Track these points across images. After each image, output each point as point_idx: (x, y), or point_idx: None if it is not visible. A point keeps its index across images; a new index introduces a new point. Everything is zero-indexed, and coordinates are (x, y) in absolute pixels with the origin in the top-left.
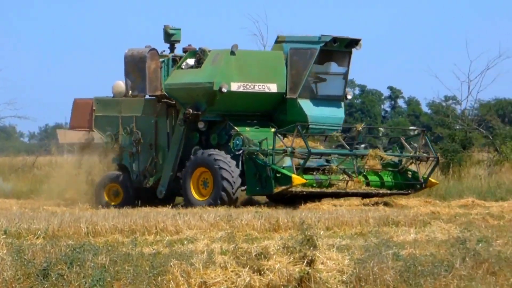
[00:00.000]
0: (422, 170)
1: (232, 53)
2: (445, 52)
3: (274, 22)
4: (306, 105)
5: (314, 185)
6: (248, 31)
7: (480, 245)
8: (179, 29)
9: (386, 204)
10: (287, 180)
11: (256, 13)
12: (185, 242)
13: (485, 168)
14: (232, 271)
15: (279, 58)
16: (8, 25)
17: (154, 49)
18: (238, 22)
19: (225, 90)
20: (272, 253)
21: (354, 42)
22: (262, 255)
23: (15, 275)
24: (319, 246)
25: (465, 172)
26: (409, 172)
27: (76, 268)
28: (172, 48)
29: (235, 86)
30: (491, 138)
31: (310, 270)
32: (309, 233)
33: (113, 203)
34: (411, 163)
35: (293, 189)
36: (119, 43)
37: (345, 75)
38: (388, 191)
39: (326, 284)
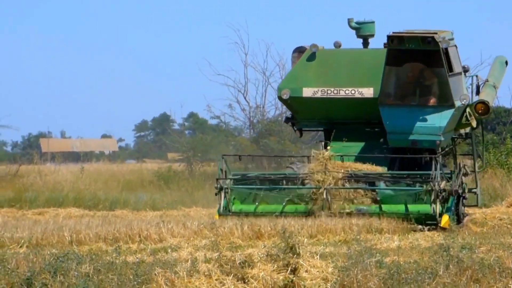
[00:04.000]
0: None
1: (312, 54)
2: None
3: (255, 31)
4: None
5: None
6: (229, 39)
7: (463, 252)
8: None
9: None
10: None
11: (236, 21)
12: (169, 250)
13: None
14: (216, 280)
15: None
16: None
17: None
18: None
19: (286, 97)
20: (256, 261)
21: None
22: (246, 263)
23: None
24: (302, 254)
25: None
26: None
27: (60, 277)
28: (365, 44)
29: (309, 92)
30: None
31: (294, 278)
32: (291, 241)
33: None
34: None
35: None
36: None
37: None
38: None
39: None
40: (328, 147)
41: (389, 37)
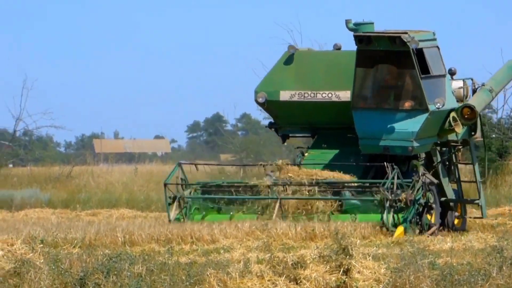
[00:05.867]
0: None
1: (290, 56)
2: (479, 59)
3: (308, 32)
4: None
5: None
6: (282, 40)
7: None
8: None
9: None
10: None
11: (289, 22)
12: (222, 251)
13: None
14: (268, 280)
15: None
16: (44, 34)
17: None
18: (269, 31)
19: (262, 101)
20: (308, 262)
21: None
22: (299, 264)
23: (52, 284)
24: (355, 255)
25: (501, 181)
26: None
27: (112, 277)
28: None
29: (286, 95)
30: None
31: (346, 279)
32: (344, 242)
33: None
34: None
35: None
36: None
37: None
38: None
39: None
40: (306, 154)
41: (356, 37)
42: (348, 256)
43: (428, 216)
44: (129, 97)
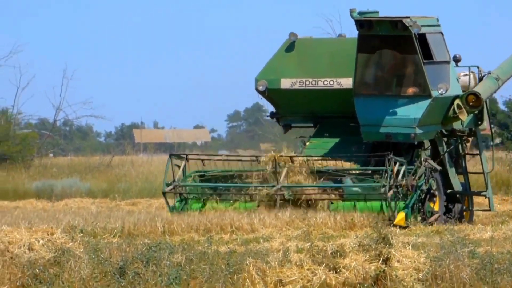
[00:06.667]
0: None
1: (291, 43)
2: (487, 48)
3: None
4: None
5: None
6: (322, 30)
7: None
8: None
9: None
10: None
11: (329, 12)
12: (261, 240)
13: None
14: (308, 269)
15: None
16: (84, 24)
17: None
18: (310, 22)
19: (263, 89)
20: (348, 251)
21: None
22: (338, 253)
23: (92, 273)
24: (394, 244)
25: None
26: None
27: (152, 266)
28: None
29: (287, 83)
30: None
31: (386, 268)
32: (384, 231)
33: None
34: None
35: None
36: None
37: None
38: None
39: (402, 282)
40: (307, 143)
41: (357, 21)
42: (387, 245)
43: (431, 204)
44: (169, 87)
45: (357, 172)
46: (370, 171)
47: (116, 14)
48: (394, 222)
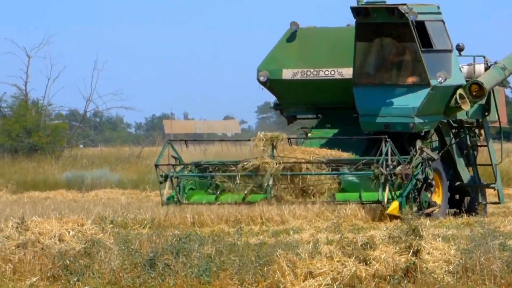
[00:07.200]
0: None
1: (292, 33)
2: (498, 38)
3: None
4: None
5: None
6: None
7: None
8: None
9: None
10: None
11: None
12: (291, 232)
13: None
14: (338, 261)
15: None
16: (113, 16)
17: None
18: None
19: (264, 79)
20: (378, 243)
21: None
22: (368, 245)
23: (122, 265)
24: (425, 236)
25: None
26: None
27: (182, 258)
28: None
29: (289, 74)
30: None
31: (416, 260)
32: (414, 223)
33: None
34: None
35: None
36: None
37: None
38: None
39: (432, 274)
40: (309, 134)
41: (353, 9)
42: (418, 237)
43: (428, 194)
44: (199, 78)
45: (355, 162)
46: (365, 161)
47: (146, 4)
48: (387, 212)
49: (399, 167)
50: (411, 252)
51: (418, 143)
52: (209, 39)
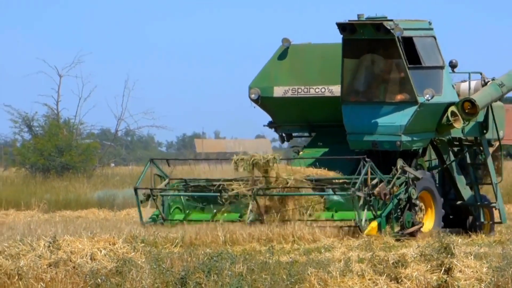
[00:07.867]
0: None
1: (284, 50)
2: (497, 56)
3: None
4: None
5: None
6: None
7: None
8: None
9: None
10: None
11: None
12: (322, 250)
13: None
14: (369, 279)
15: None
16: (145, 35)
17: None
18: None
19: (255, 97)
20: (409, 261)
21: None
22: (400, 263)
23: (154, 283)
24: (456, 254)
25: None
26: None
27: (213, 276)
28: None
29: (280, 92)
30: None
31: (447, 278)
32: (446, 241)
33: None
34: None
35: None
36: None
37: None
38: None
39: None
40: (301, 153)
41: (339, 25)
42: (449, 255)
43: (412, 214)
44: (230, 97)
45: (339, 181)
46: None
47: (177, 23)
48: (365, 233)
49: (378, 188)
50: (442, 270)
51: (399, 162)
52: (240, 58)
